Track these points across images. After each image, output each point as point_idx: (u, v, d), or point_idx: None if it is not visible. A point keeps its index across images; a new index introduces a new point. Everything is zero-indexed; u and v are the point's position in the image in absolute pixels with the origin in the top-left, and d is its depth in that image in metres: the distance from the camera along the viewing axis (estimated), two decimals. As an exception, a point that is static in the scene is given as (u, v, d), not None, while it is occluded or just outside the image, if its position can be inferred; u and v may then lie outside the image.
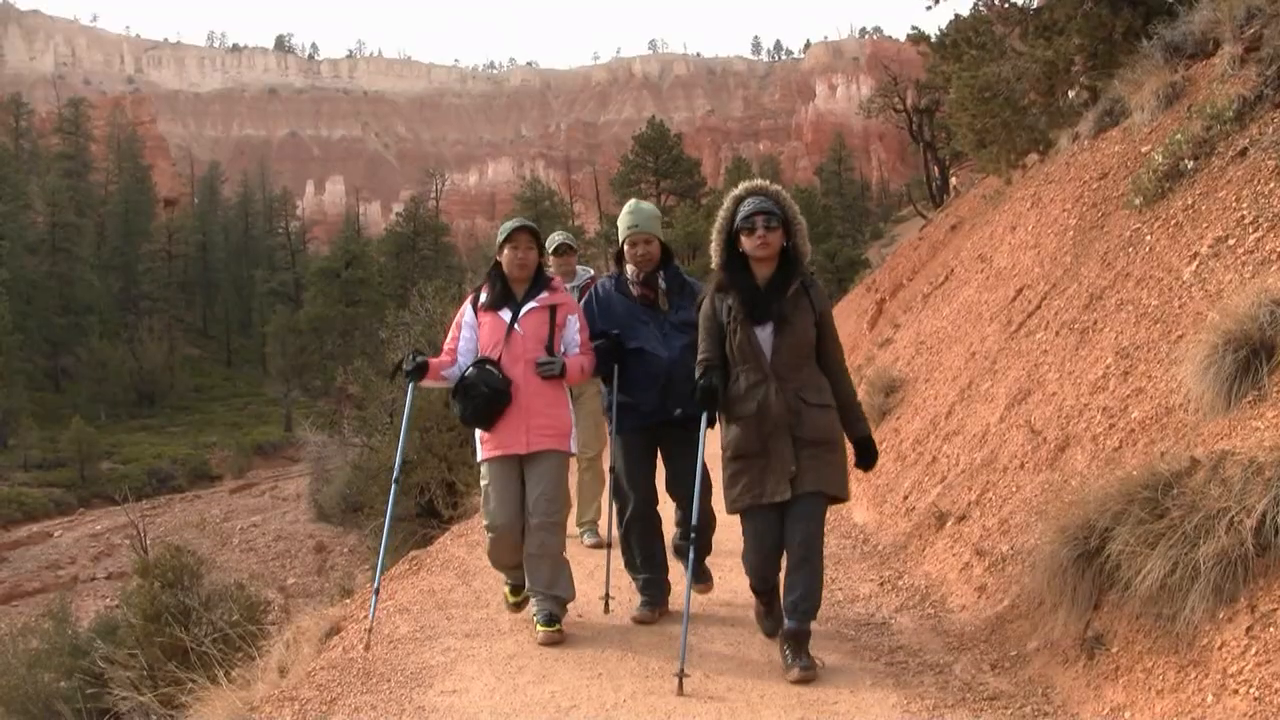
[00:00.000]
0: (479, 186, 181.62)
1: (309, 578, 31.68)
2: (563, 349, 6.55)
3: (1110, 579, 4.69)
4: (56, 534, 43.69)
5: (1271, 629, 3.84)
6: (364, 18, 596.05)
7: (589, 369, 6.63)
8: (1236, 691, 3.80)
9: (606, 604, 6.84)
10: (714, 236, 5.91)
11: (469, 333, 6.58)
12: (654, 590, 6.75)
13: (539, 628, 6.32)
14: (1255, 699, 3.71)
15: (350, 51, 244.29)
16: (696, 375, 5.80)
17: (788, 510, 5.58)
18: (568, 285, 8.25)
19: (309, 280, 75.15)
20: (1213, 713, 3.86)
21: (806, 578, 5.54)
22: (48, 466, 55.83)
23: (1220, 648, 3.99)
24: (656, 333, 6.63)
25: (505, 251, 6.57)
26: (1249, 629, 3.92)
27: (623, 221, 6.84)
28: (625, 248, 6.80)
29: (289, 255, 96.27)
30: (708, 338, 5.82)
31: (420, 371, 6.47)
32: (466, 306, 6.69)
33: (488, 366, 6.39)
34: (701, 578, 6.76)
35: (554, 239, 9.12)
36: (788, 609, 5.58)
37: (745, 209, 5.74)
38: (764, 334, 5.62)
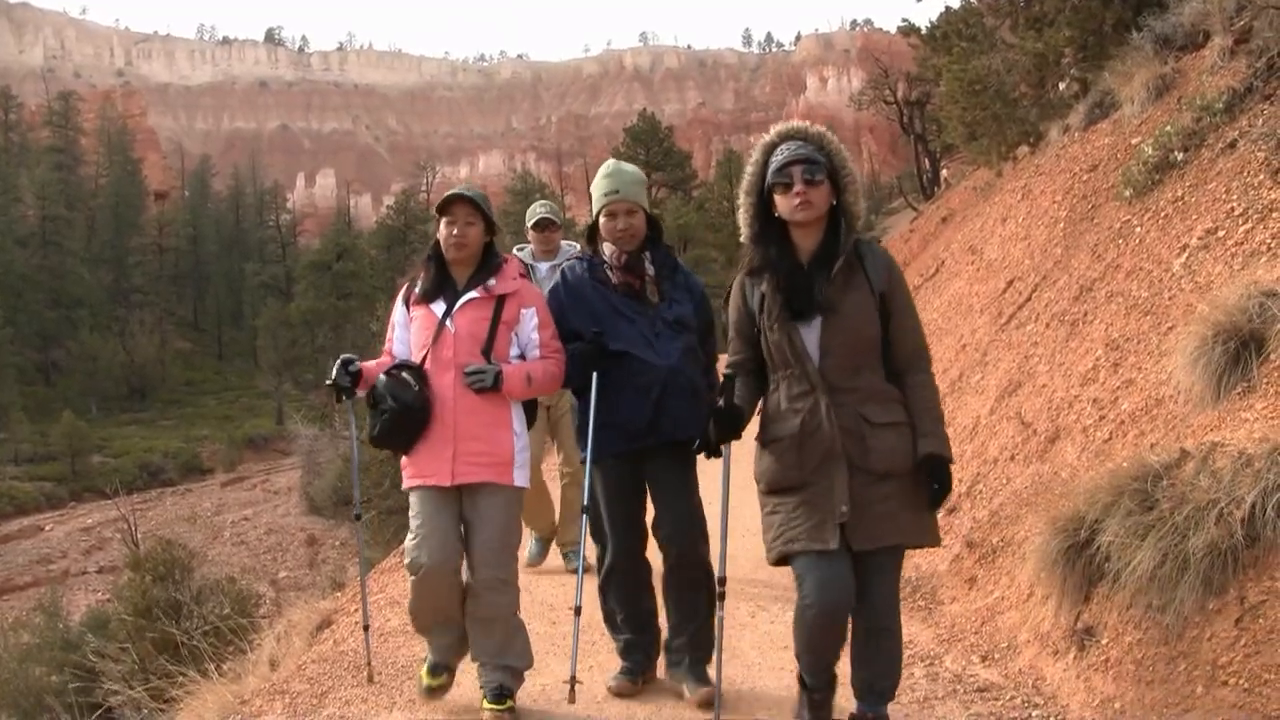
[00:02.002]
0: (470, 179, 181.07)
1: (300, 571, 31.65)
2: (515, 352, 5.24)
3: (1100, 571, 4.70)
4: (47, 528, 43.65)
5: (1260, 620, 3.85)
6: (354, 10, 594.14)
7: (547, 378, 5.20)
8: (1226, 683, 3.82)
9: (573, 690, 5.11)
10: (740, 200, 4.44)
11: (402, 332, 5.35)
12: (637, 655, 5.39)
13: (485, 706, 5.07)
14: (1245, 690, 3.72)
15: (340, 44, 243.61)
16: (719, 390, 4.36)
17: (855, 569, 4.16)
18: (550, 264, 7.78)
19: (300, 273, 74.90)
20: (1202, 703, 3.87)
21: (883, 650, 4.30)
22: (38, 460, 55.73)
23: (1210, 639, 4.00)
24: (644, 332, 5.15)
25: (441, 225, 5.24)
26: (1238, 620, 3.93)
27: (598, 186, 5.36)
28: (601, 220, 5.31)
29: (280, 248, 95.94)
30: (738, 336, 4.42)
31: (355, 381, 5.26)
32: (398, 301, 5.40)
33: (403, 375, 5.13)
34: (702, 677, 5.15)
35: (534, 211, 8.17)
36: (859, 689, 4.34)
37: (778, 158, 4.28)
38: (809, 330, 4.18)
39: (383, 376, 5.15)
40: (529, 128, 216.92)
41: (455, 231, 5.16)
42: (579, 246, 7.46)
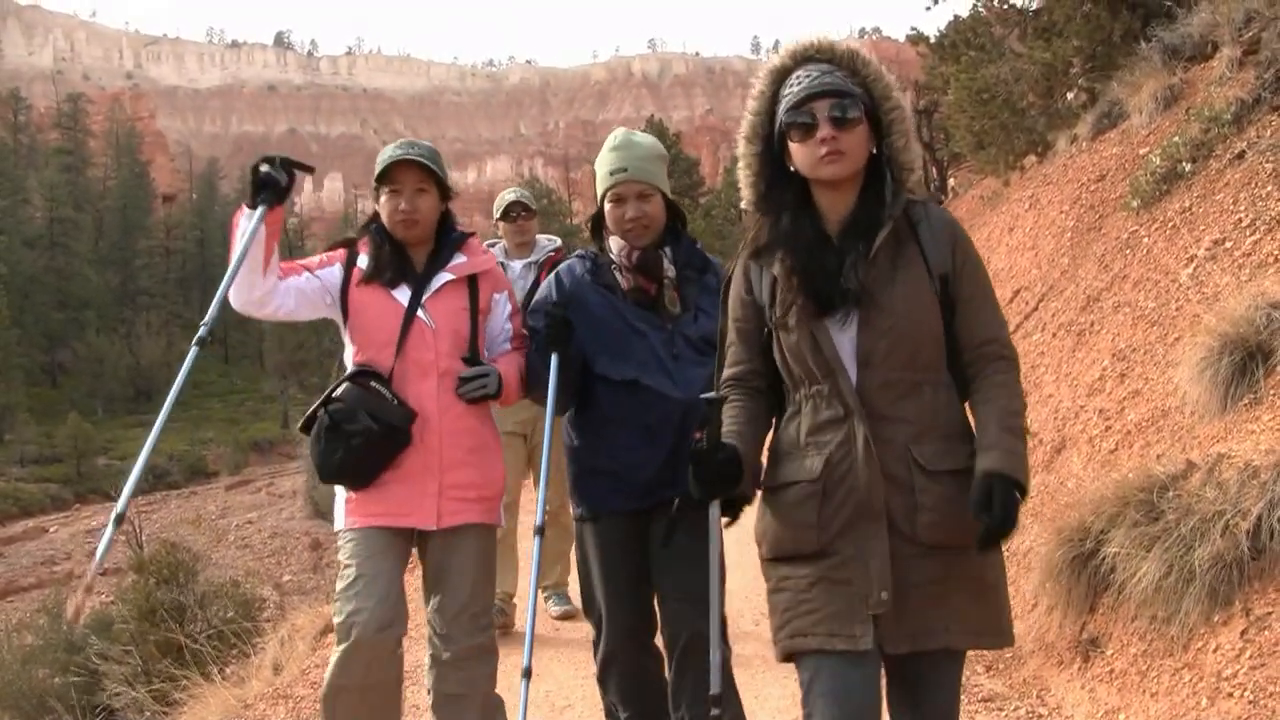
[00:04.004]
0: (477, 184, 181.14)
1: (304, 575, 31.58)
2: (486, 351, 4.23)
3: (1106, 581, 4.69)
4: (52, 529, 43.64)
5: (1266, 632, 3.84)
6: (363, 15, 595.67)
7: (522, 389, 4.20)
8: (1231, 695, 3.80)
9: None
10: (740, 150, 3.10)
11: (313, 287, 4.07)
12: None
13: None
14: (1250, 702, 3.71)
15: (349, 49, 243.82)
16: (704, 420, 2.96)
17: (894, 671, 2.98)
18: (525, 261, 6.68)
19: (307, 277, 74.93)
20: (1207, 716, 3.86)
21: None
22: (44, 462, 55.75)
23: (1215, 651, 3.99)
24: (659, 353, 3.91)
25: (383, 198, 4.08)
26: (1243, 632, 3.92)
27: (602, 163, 4.06)
28: (606, 208, 4.05)
29: (287, 251, 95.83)
30: (740, 339, 3.09)
31: (286, 190, 3.87)
32: (336, 268, 4.12)
33: (374, 384, 3.95)
34: None
35: (504, 198, 6.88)
36: None
37: (794, 88, 2.93)
38: (841, 329, 2.89)
39: (350, 387, 3.97)
40: (537, 133, 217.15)
41: (403, 205, 4.05)
42: (559, 242, 6.86)
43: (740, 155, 3.09)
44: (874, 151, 2.98)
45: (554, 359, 3.97)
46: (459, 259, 4.16)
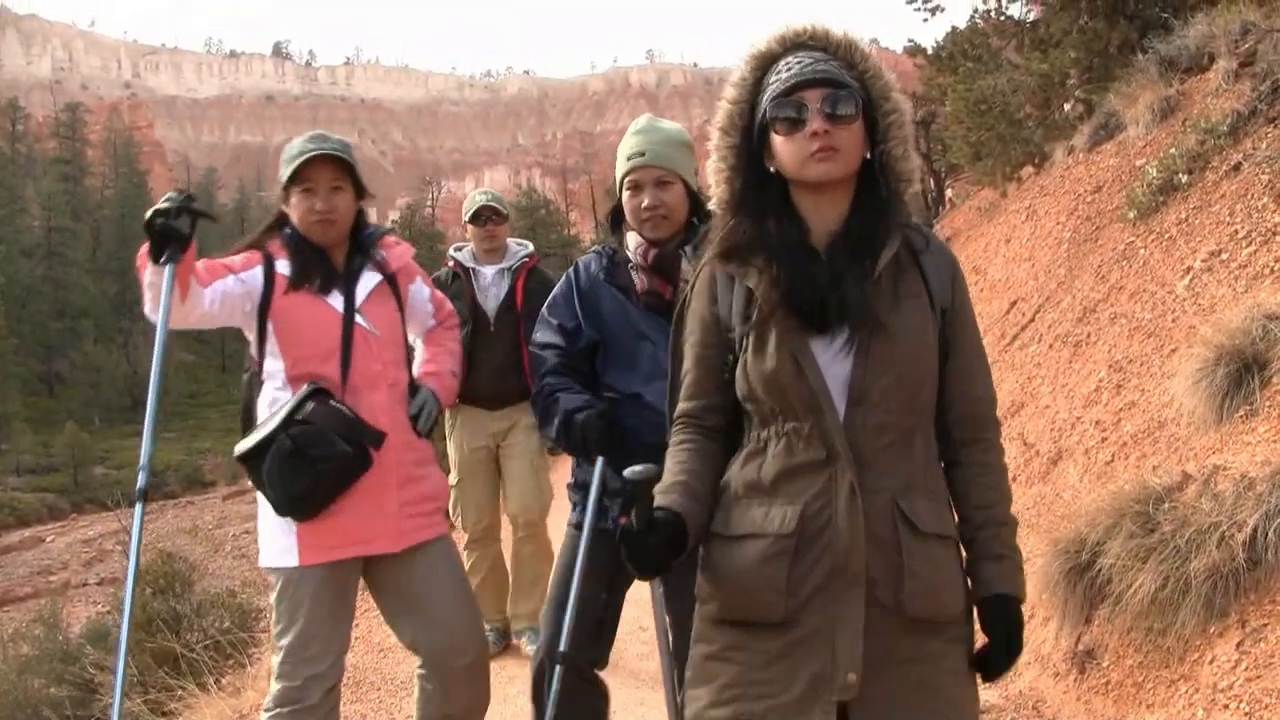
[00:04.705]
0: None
1: (301, 585, 31.60)
2: (414, 351, 4.08)
3: (1102, 593, 4.69)
4: (49, 539, 43.61)
5: (1262, 644, 3.84)
6: (362, 25, 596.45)
7: (459, 375, 4.12)
8: (1227, 706, 3.80)
9: None
10: (714, 142, 2.59)
11: (235, 290, 3.66)
12: None
13: None
14: (1245, 714, 3.70)
15: (348, 59, 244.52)
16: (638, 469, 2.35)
17: None
18: (497, 267, 6.32)
19: (304, 287, 75.01)
20: (1203, 728, 3.86)
21: None
22: (41, 471, 55.75)
23: (1211, 662, 3.99)
24: (667, 365, 3.19)
25: (294, 198, 3.72)
26: (1239, 644, 3.92)
27: (623, 148, 3.68)
28: (625, 197, 3.65)
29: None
30: (698, 368, 2.56)
31: (188, 239, 3.38)
32: (258, 272, 3.71)
33: (332, 403, 3.60)
34: None
35: (474, 200, 6.42)
36: None
37: (782, 76, 2.47)
38: (832, 353, 2.39)
39: (311, 404, 3.57)
40: (535, 144, 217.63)
41: (319, 204, 3.70)
42: (531, 248, 6.50)
43: (714, 148, 2.60)
44: (868, 156, 2.51)
45: (599, 462, 3.53)
46: (380, 254, 3.90)
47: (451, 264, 6.38)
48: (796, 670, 2.33)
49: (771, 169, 2.51)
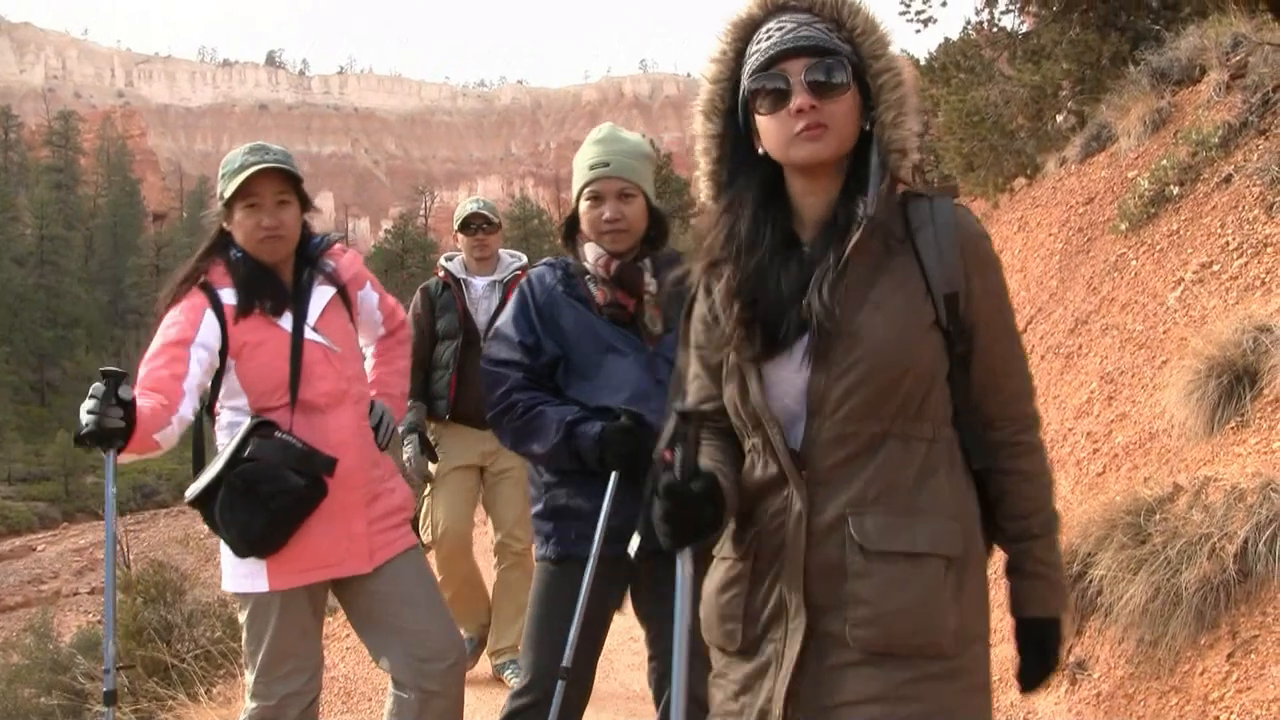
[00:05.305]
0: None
1: (293, 594, 31.56)
2: (363, 357, 3.93)
3: (1093, 604, 4.68)
4: (40, 548, 43.56)
5: (1252, 655, 3.84)
6: (355, 35, 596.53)
7: (406, 394, 4.11)
8: (1218, 718, 3.80)
9: None
10: (698, 130, 2.38)
11: (204, 358, 3.50)
12: None
13: None
14: (1236, 726, 3.71)
15: (341, 68, 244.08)
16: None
17: None
18: (489, 279, 6.09)
19: (297, 296, 74.97)
20: (1193, 739, 3.86)
21: None
22: (32, 480, 55.62)
23: (1202, 674, 3.99)
24: (638, 376, 3.40)
25: (238, 214, 3.57)
26: (1230, 655, 3.92)
27: (583, 157, 3.59)
28: (583, 208, 3.54)
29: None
30: (705, 373, 2.37)
31: (126, 430, 3.15)
32: (209, 320, 3.54)
33: (278, 435, 3.45)
34: None
35: (465, 208, 6.20)
36: None
37: (763, 45, 2.21)
38: (795, 365, 2.18)
39: (257, 442, 3.41)
40: (528, 153, 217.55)
41: (266, 220, 3.54)
42: (524, 259, 6.29)
43: (698, 137, 2.37)
44: (865, 129, 2.22)
45: (613, 477, 3.30)
46: (330, 265, 3.75)
47: (441, 274, 6.21)
48: (753, 703, 2.18)
49: (761, 151, 2.25)
